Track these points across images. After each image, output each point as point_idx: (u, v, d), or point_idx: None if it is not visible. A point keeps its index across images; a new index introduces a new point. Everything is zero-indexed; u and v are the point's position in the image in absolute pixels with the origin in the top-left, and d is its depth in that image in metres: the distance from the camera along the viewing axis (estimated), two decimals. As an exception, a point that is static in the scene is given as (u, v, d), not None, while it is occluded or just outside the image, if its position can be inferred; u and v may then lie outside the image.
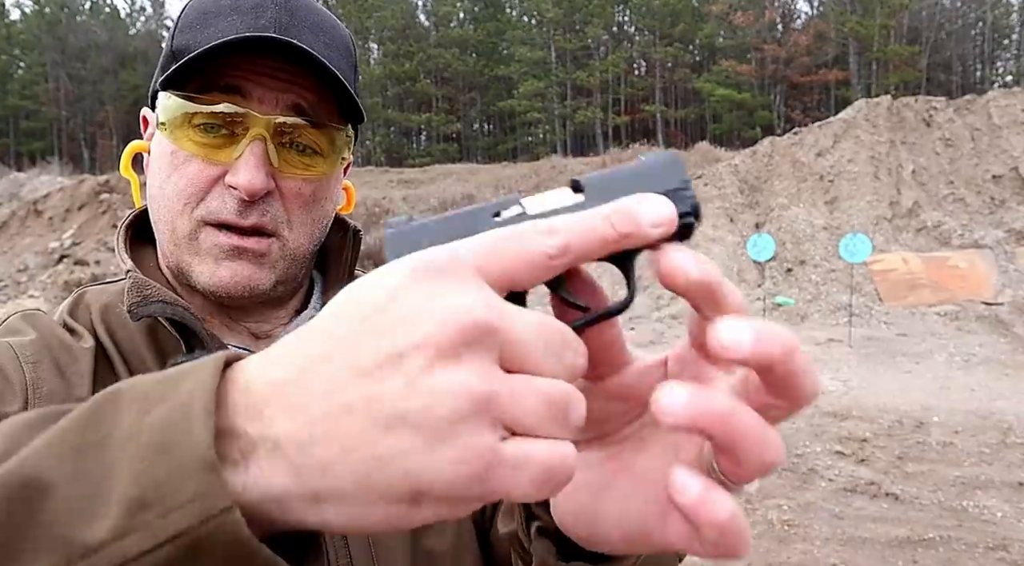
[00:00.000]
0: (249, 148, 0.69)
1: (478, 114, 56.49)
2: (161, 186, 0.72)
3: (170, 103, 0.70)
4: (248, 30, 0.69)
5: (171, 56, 0.72)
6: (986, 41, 51.88)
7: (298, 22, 0.72)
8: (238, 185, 0.69)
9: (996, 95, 16.07)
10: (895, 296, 12.21)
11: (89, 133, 54.57)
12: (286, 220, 0.73)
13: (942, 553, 4.22)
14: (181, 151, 0.70)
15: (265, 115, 0.69)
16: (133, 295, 0.69)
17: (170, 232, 0.73)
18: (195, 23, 0.72)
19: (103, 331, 0.73)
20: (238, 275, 0.72)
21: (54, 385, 0.66)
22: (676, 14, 50.56)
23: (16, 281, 19.37)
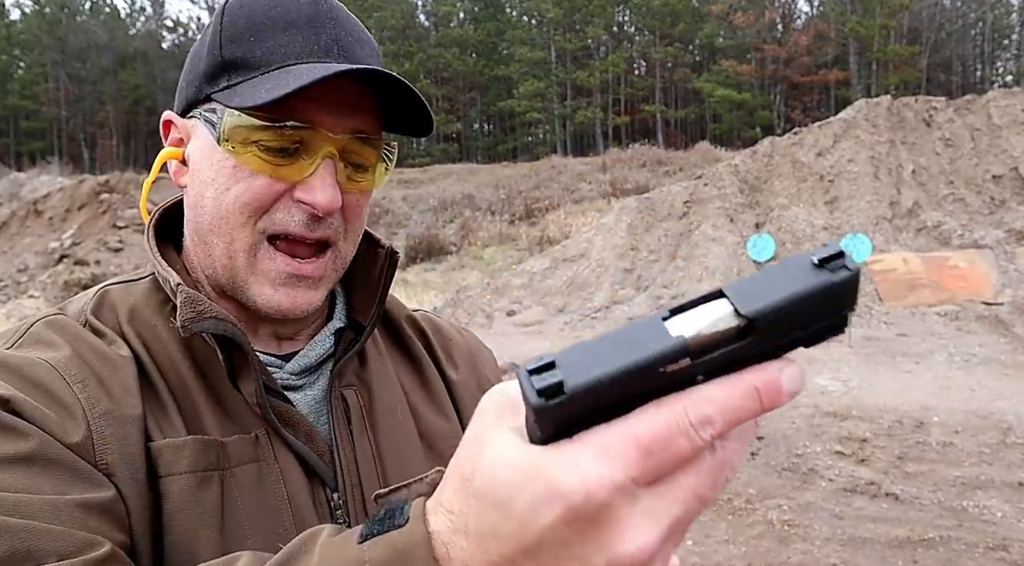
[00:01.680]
0: (323, 166, 0.70)
1: (478, 114, 56.50)
2: (217, 198, 0.71)
3: (237, 121, 0.69)
4: (313, 47, 0.70)
5: (222, 66, 0.71)
6: (986, 41, 51.88)
7: (352, 37, 0.73)
8: (315, 203, 0.69)
9: (996, 95, 16.07)
10: (895, 296, 12.21)
11: (89, 133, 54.57)
12: (343, 232, 0.75)
13: (942, 553, 4.21)
14: (246, 166, 0.70)
15: (335, 134, 0.70)
16: (187, 310, 0.68)
17: (226, 245, 0.72)
18: (247, 34, 0.70)
19: (135, 339, 0.71)
20: (298, 301, 0.73)
21: (106, 403, 0.65)
22: (676, 14, 50.56)
23: (16, 281, 19.37)
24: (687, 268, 13.43)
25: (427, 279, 19.04)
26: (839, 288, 0.35)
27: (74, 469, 0.60)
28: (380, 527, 0.41)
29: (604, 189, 26.17)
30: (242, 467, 0.69)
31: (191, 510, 0.65)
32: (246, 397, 0.71)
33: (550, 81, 48.80)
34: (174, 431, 0.67)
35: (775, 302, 0.34)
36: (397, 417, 0.81)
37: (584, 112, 48.15)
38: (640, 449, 0.34)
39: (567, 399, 0.33)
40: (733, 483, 5.30)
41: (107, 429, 0.64)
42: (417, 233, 22.88)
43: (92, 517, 0.58)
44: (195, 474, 0.66)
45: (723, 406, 0.35)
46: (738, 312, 0.34)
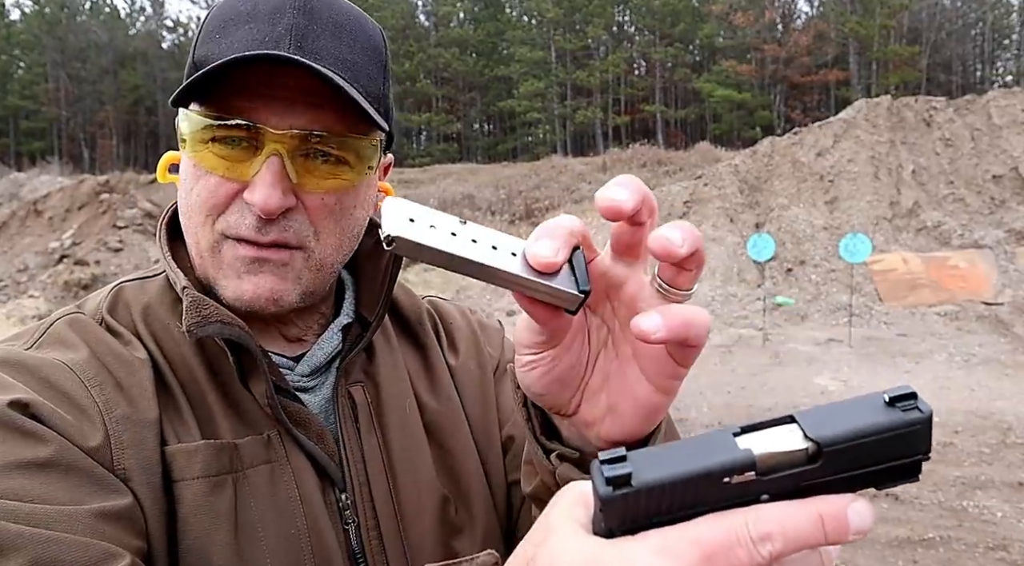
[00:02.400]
0: (265, 165, 0.67)
1: (478, 114, 56.50)
2: (186, 198, 0.72)
3: (189, 118, 0.69)
4: (264, 38, 0.67)
5: (193, 67, 0.71)
6: (986, 41, 51.88)
7: (318, 26, 0.69)
8: (253, 203, 0.67)
9: (996, 95, 16.07)
10: (895, 296, 12.21)
11: (89, 133, 54.58)
12: (312, 232, 0.72)
13: (942, 553, 4.21)
14: (201, 166, 0.69)
15: (280, 130, 0.67)
16: (192, 315, 0.67)
17: (195, 244, 0.72)
18: (215, 32, 0.70)
19: (149, 339, 0.72)
20: (260, 288, 0.70)
21: (123, 407, 0.65)
22: (676, 14, 50.55)
23: (16, 281, 19.37)
24: (687, 268, 13.43)
25: (427, 279, 19.03)
26: (907, 426, 0.35)
27: (92, 475, 0.60)
28: None
29: (604, 189, 26.14)
30: (255, 468, 0.69)
31: (204, 515, 0.65)
32: (257, 398, 0.71)
33: (550, 81, 48.79)
34: (188, 434, 0.68)
35: (844, 431, 0.35)
36: (405, 411, 0.81)
37: (584, 112, 48.14)
38: (699, 553, 0.34)
39: (633, 492, 0.34)
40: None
41: (124, 433, 0.64)
42: (417, 233, 22.83)
43: (110, 526, 0.58)
44: (208, 479, 0.66)
45: (785, 527, 0.34)
46: (807, 436, 0.35)
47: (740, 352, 9.65)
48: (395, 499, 0.75)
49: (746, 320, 11.31)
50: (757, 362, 9.11)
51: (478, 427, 0.85)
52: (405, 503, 0.76)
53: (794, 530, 0.34)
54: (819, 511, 0.35)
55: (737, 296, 12.30)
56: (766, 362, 9.15)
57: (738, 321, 11.26)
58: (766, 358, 9.33)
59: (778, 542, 0.34)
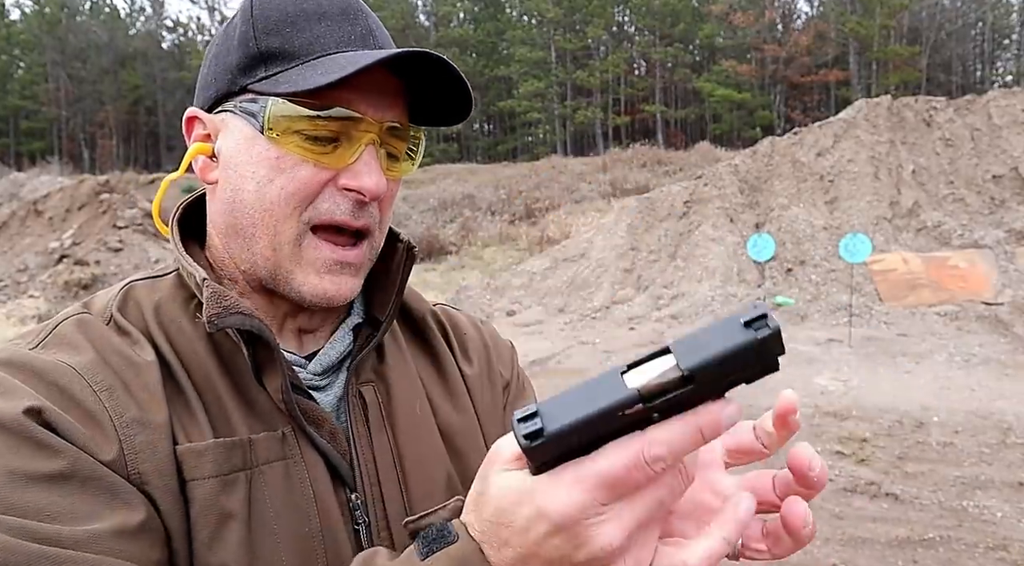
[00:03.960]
0: (367, 152, 0.71)
1: (478, 114, 56.50)
2: (260, 190, 0.71)
3: (282, 109, 0.69)
4: (351, 36, 0.72)
5: (259, 57, 0.71)
6: (986, 41, 51.89)
7: (381, 29, 0.76)
8: (363, 187, 0.70)
9: (996, 95, 16.07)
10: (895, 296, 12.22)
11: (89, 133, 54.59)
12: (379, 221, 0.76)
13: (942, 553, 4.21)
14: (290, 155, 0.70)
15: (377, 121, 0.71)
16: (213, 306, 0.67)
17: (270, 237, 0.71)
18: (282, 26, 0.71)
19: (162, 339, 0.71)
20: (342, 288, 0.73)
21: (133, 410, 0.64)
22: (676, 14, 50.56)
23: (16, 281, 19.37)
24: (687, 268, 13.43)
25: (427, 279, 19.03)
26: (762, 345, 0.42)
27: (108, 487, 0.59)
28: (437, 545, 0.52)
29: (604, 189, 26.16)
30: (270, 465, 0.69)
31: (214, 514, 0.65)
32: (271, 394, 0.71)
33: (550, 81, 48.80)
34: (200, 433, 0.67)
35: (709, 357, 0.42)
36: (416, 412, 0.81)
37: (584, 112, 48.15)
38: (605, 482, 0.45)
39: (545, 441, 0.44)
40: (733, 483, 5.31)
41: (137, 438, 0.63)
42: (417, 233, 22.86)
43: (128, 542, 0.58)
44: (219, 478, 0.66)
45: (671, 446, 0.44)
46: (679, 365, 0.42)
47: (740, 352, 9.65)
48: (406, 499, 0.76)
49: (746, 320, 11.31)
50: (757, 362, 9.11)
51: (491, 441, 0.85)
52: (416, 504, 0.76)
53: (680, 444, 0.44)
54: (698, 424, 0.44)
55: (737, 296, 12.29)
56: (766, 362, 9.14)
57: (738, 321, 11.25)
58: (766, 358, 9.32)
59: (668, 458, 0.44)
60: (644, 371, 0.44)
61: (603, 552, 0.46)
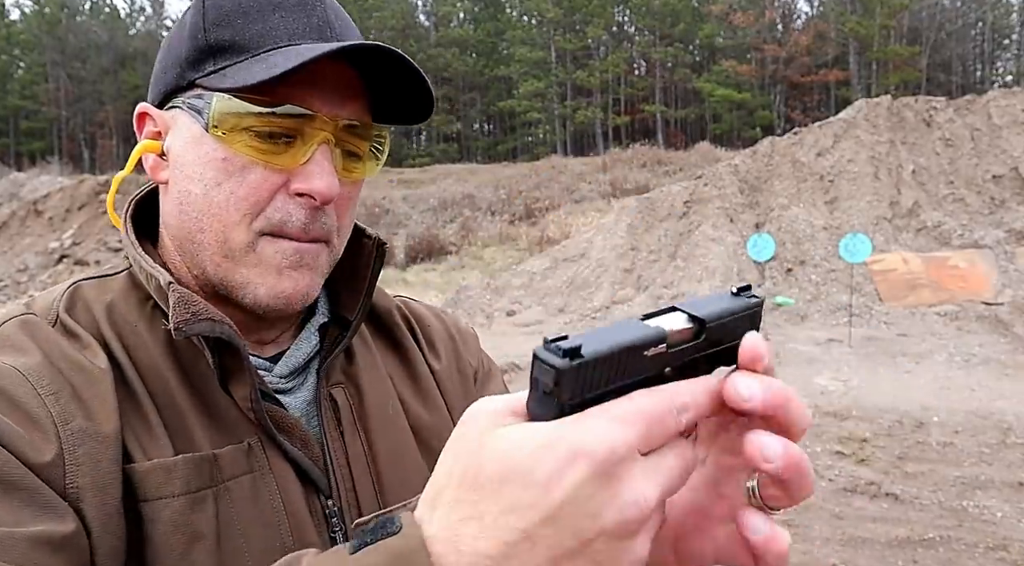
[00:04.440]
0: (319, 152, 0.66)
1: (478, 114, 56.53)
2: (207, 194, 0.66)
3: (227, 105, 0.64)
4: (306, 28, 0.66)
5: (208, 50, 0.66)
6: (986, 41, 51.89)
7: (342, 20, 0.70)
8: (313, 191, 0.65)
9: (996, 95, 16.07)
10: (895, 296, 12.22)
11: (89, 133, 54.59)
12: (336, 227, 0.71)
13: (942, 553, 4.21)
14: (238, 156, 0.65)
15: (331, 119, 0.66)
16: (182, 312, 0.63)
17: (219, 244, 0.67)
18: (234, 16, 0.66)
19: (116, 343, 0.66)
20: (299, 285, 0.69)
21: (79, 419, 0.60)
22: (676, 14, 50.56)
23: (16, 281, 19.37)
24: (687, 268, 13.43)
25: (427, 279, 19.03)
26: (753, 308, 0.46)
27: (35, 495, 0.55)
28: (373, 537, 0.40)
29: (604, 189, 26.16)
30: (236, 480, 0.65)
31: (183, 534, 0.61)
32: (238, 402, 0.67)
33: (550, 81, 48.80)
34: (159, 447, 0.62)
35: (718, 311, 0.44)
36: (388, 413, 0.78)
37: (584, 112, 48.15)
38: (646, 420, 0.39)
39: (586, 362, 0.39)
40: (733, 483, 5.31)
41: (80, 448, 0.58)
42: (417, 233, 22.86)
43: (47, 554, 0.53)
44: (188, 496, 0.62)
45: (695, 397, 0.42)
46: (692, 317, 0.44)
47: (740, 352, 9.65)
48: (381, 504, 0.73)
49: (746, 320, 11.32)
50: (757, 362, 9.12)
51: None
52: (393, 506, 0.73)
53: (701, 399, 0.42)
54: (718, 386, 0.43)
55: (737, 296, 12.31)
56: (766, 362, 9.15)
57: (738, 321, 11.27)
58: (766, 358, 9.33)
59: (691, 411, 0.41)
60: (662, 320, 0.43)
61: (636, 507, 0.38)
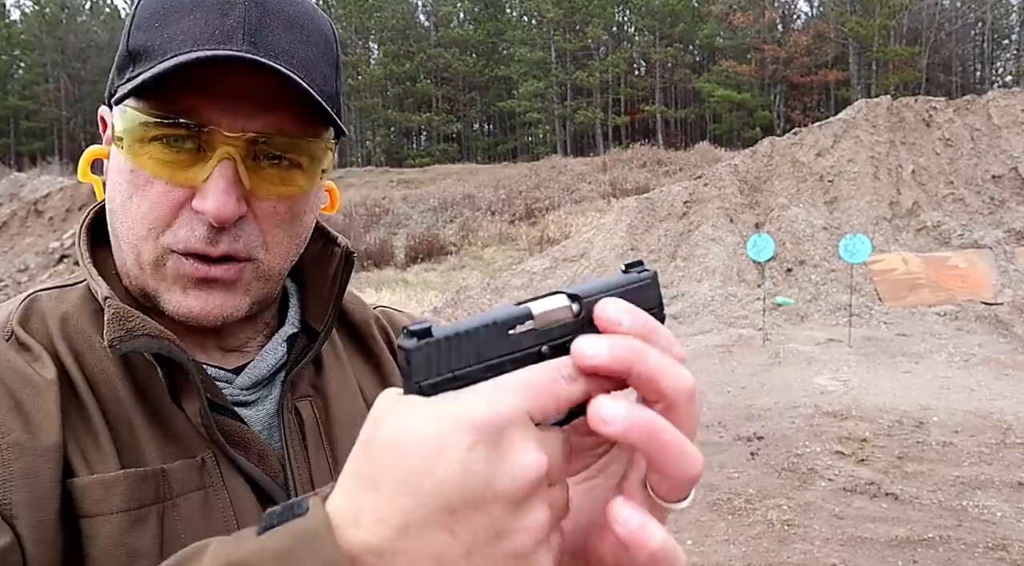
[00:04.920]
0: (217, 170, 0.62)
1: (478, 114, 56.53)
2: (123, 205, 0.65)
3: (127, 115, 0.62)
4: (214, 31, 0.61)
5: (127, 56, 0.64)
6: (986, 41, 51.89)
7: (271, 18, 0.64)
8: (206, 211, 0.62)
9: (996, 95, 16.07)
10: (895, 296, 12.22)
11: (89, 133, 54.55)
12: (261, 243, 0.67)
13: (942, 553, 4.22)
14: (142, 171, 0.63)
15: (233, 133, 0.62)
16: (115, 328, 0.61)
17: (134, 256, 0.66)
18: (153, 19, 0.63)
19: (67, 354, 0.64)
20: (209, 305, 0.66)
21: (18, 432, 0.58)
22: (676, 14, 50.57)
23: (16, 281, 19.37)
24: (687, 268, 13.43)
25: (427, 279, 19.03)
26: (640, 281, 0.46)
27: None
28: (280, 519, 0.39)
29: (604, 189, 26.17)
30: (185, 496, 0.63)
31: (121, 553, 0.58)
32: (190, 417, 0.65)
33: (550, 81, 48.80)
34: (103, 462, 0.60)
35: (596, 288, 0.45)
36: (356, 427, 0.73)
37: (584, 112, 48.16)
38: (531, 386, 0.39)
39: (435, 341, 0.39)
40: (733, 483, 5.31)
41: (15, 463, 0.56)
42: (417, 233, 22.86)
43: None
44: (128, 513, 0.59)
45: (584, 365, 0.40)
46: (570, 295, 0.44)
47: (740, 352, 9.65)
48: None
49: (746, 320, 11.32)
50: (757, 362, 9.12)
51: None
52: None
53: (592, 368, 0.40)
54: (609, 351, 0.40)
55: (737, 296, 12.29)
56: (766, 362, 9.15)
57: (738, 321, 11.26)
58: (766, 358, 9.33)
59: (582, 380, 0.40)
60: (537, 302, 0.43)
61: (527, 474, 0.37)
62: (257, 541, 0.38)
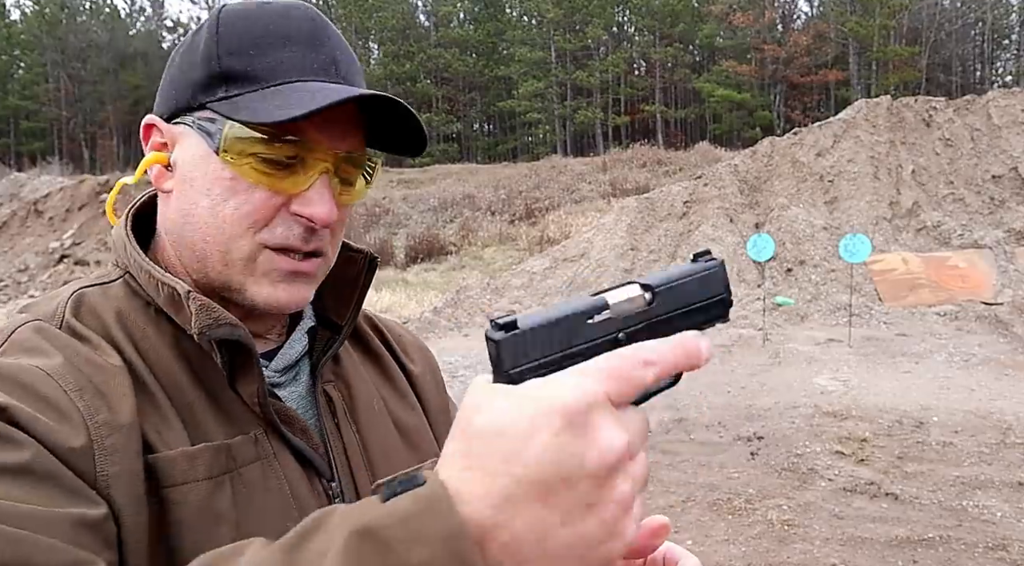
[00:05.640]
0: (320, 181, 0.73)
1: (478, 114, 56.51)
2: (213, 208, 0.72)
3: (239, 133, 0.71)
4: (314, 65, 0.73)
5: (221, 77, 0.72)
6: (986, 41, 51.88)
7: (345, 56, 0.76)
8: (313, 216, 0.73)
9: (996, 95, 16.07)
10: (895, 296, 12.22)
11: (89, 133, 54.59)
12: (330, 242, 0.78)
13: (942, 553, 4.22)
14: (244, 179, 0.71)
15: (330, 150, 0.73)
16: (204, 318, 0.69)
17: (221, 253, 0.73)
18: (247, 47, 0.72)
19: (127, 344, 0.71)
20: (295, 296, 0.76)
21: (105, 412, 0.64)
22: (676, 14, 50.55)
23: (16, 281, 19.37)
24: (687, 268, 13.42)
25: (427, 279, 19.02)
26: (708, 270, 0.50)
27: (67, 483, 0.59)
28: (401, 488, 0.43)
29: (604, 189, 26.16)
30: (247, 467, 0.71)
31: (207, 516, 0.66)
32: (245, 398, 0.73)
33: (550, 81, 48.78)
34: (176, 438, 0.68)
35: (667, 277, 0.48)
36: (375, 410, 0.86)
37: (584, 112, 48.13)
38: (612, 373, 0.43)
39: (521, 333, 0.43)
40: (733, 483, 5.31)
41: (108, 439, 0.63)
42: (417, 233, 22.87)
43: (83, 534, 0.57)
44: (210, 480, 0.68)
45: (660, 353, 0.44)
46: (643, 285, 0.48)
47: (740, 352, 9.66)
48: None
49: (746, 320, 11.32)
50: (757, 362, 9.12)
51: (440, 439, 0.91)
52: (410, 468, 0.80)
53: (666, 356, 0.44)
54: (681, 343, 0.45)
55: (737, 296, 12.29)
56: (766, 362, 9.15)
57: (738, 321, 11.26)
58: (766, 358, 9.33)
59: (657, 366, 0.44)
60: (611, 292, 0.47)
61: (612, 452, 0.41)
62: (383, 507, 0.42)
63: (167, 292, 0.72)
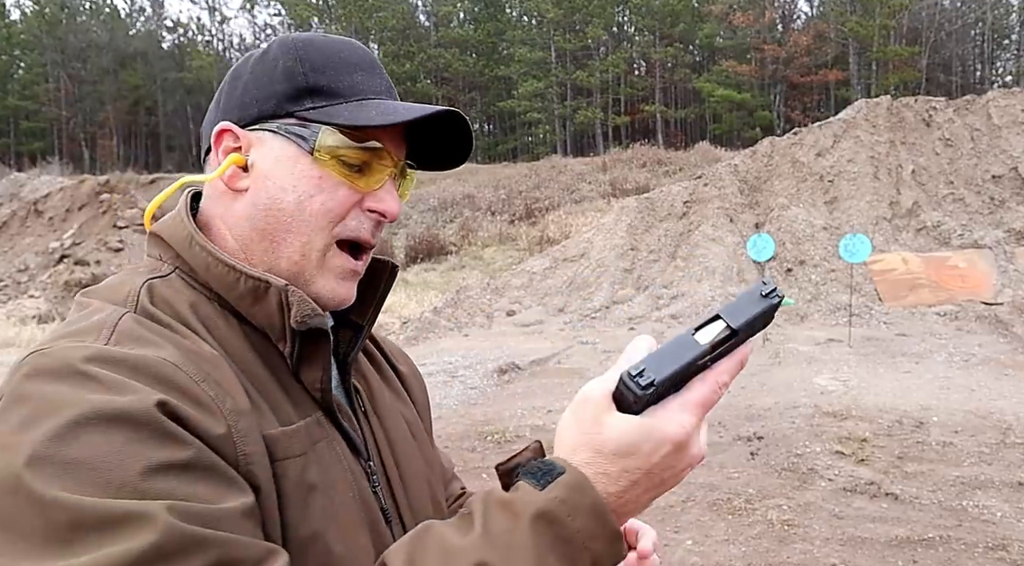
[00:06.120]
0: (389, 181, 0.85)
1: (478, 114, 56.50)
2: (300, 202, 0.81)
3: (330, 137, 0.81)
4: (380, 84, 0.86)
5: (307, 90, 0.82)
6: (986, 41, 51.86)
7: (390, 82, 0.89)
8: (387, 211, 0.84)
9: (996, 95, 16.07)
10: (895, 296, 12.22)
11: (89, 133, 54.56)
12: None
13: (942, 553, 4.22)
14: (332, 176, 0.81)
15: (397, 156, 0.85)
16: (304, 308, 0.77)
17: (302, 244, 0.81)
18: (327, 68, 0.83)
19: (205, 334, 0.75)
20: (350, 292, 0.86)
21: (229, 400, 0.69)
22: (676, 14, 50.55)
23: (16, 281, 19.37)
24: (687, 268, 13.43)
25: (427, 279, 19.03)
26: (776, 306, 0.66)
27: (227, 474, 0.64)
28: (548, 478, 0.63)
29: (604, 189, 26.16)
30: (318, 444, 0.79)
31: (303, 487, 0.74)
32: (307, 385, 0.80)
33: (550, 81, 48.77)
34: (267, 420, 0.74)
35: (748, 318, 0.65)
36: (387, 403, 0.96)
37: (584, 112, 48.13)
38: (703, 406, 0.64)
39: (656, 389, 0.62)
40: (733, 483, 5.31)
41: (239, 423, 0.68)
42: (417, 233, 22.87)
43: (250, 522, 0.63)
44: (304, 456, 0.75)
45: (730, 373, 0.66)
46: (730, 326, 0.65)
47: (740, 352, 9.65)
48: (399, 467, 0.90)
49: (746, 320, 11.32)
50: (757, 362, 9.12)
51: (429, 432, 1.05)
52: (405, 472, 0.91)
53: (732, 373, 0.66)
54: (739, 360, 0.66)
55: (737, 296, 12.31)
56: (766, 362, 9.15)
57: (738, 321, 11.26)
58: (766, 358, 9.33)
59: (727, 382, 0.66)
60: (706, 332, 0.64)
61: (695, 459, 0.66)
62: (541, 494, 0.62)
63: (249, 286, 0.78)
